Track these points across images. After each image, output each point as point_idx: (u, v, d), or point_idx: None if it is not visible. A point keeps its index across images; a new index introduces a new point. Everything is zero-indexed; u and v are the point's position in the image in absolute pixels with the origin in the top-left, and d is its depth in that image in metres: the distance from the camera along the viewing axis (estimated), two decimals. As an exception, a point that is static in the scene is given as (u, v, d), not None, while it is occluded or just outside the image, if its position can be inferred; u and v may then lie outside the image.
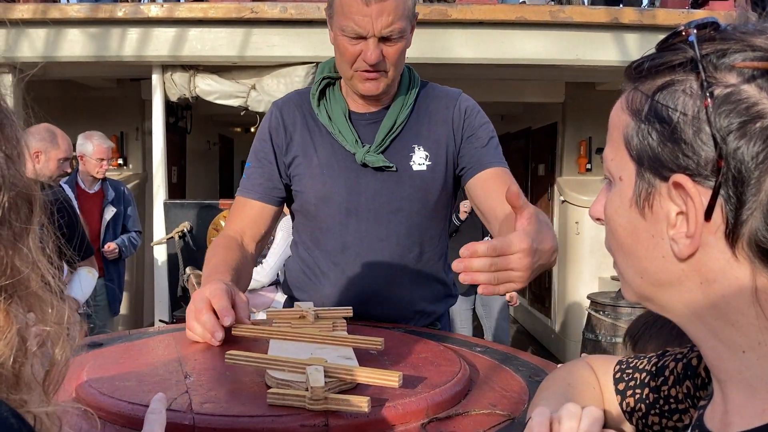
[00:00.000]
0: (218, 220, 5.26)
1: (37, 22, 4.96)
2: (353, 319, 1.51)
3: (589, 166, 7.25)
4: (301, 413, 0.97)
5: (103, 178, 4.79)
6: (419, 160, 1.75)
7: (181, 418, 0.94)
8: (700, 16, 0.67)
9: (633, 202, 0.70)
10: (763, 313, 0.63)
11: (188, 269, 4.42)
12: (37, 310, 0.57)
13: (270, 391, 1.01)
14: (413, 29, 1.71)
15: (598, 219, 0.78)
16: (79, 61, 5.27)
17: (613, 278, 5.86)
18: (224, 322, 1.32)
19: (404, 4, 1.60)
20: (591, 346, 4.91)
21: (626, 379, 0.98)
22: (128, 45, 5.23)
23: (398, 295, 1.77)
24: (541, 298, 8.09)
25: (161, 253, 5.58)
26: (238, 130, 11.48)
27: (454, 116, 1.78)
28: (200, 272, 4.17)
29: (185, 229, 5.25)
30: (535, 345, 7.78)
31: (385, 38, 1.60)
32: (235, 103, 5.45)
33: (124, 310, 6.35)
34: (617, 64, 5.22)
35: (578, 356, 1.66)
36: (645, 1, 6.68)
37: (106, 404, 1.01)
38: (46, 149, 3.77)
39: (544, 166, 8.05)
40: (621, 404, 0.97)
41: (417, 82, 1.83)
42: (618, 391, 0.98)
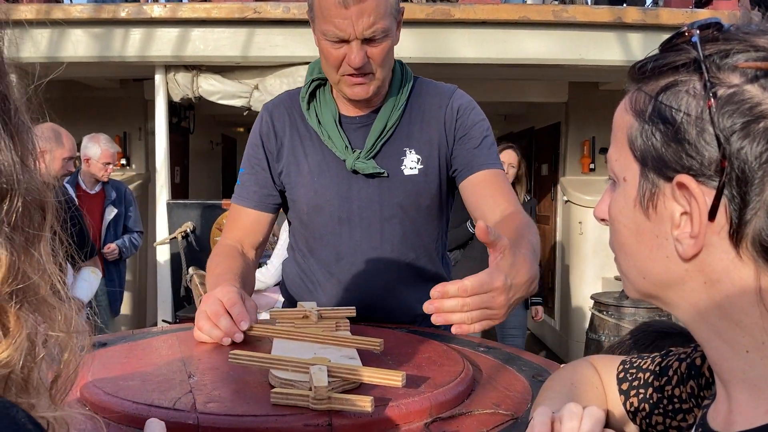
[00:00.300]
0: (221, 220, 5.27)
1: (40, 23, 4.96)
2: (356, 320, 1.52)
3: (592, 166, 7.22)
4: (305, 413, 0.97)
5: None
6: (411, 164, 1.70)
7: (185, 418, 0.95)
8: (704, 16, 0.68)
9: (637, 203, 0.70)
10: (767, 313, 0.63)
11: (191, 269, 4.41)
12: (46, 316, 0.57)
13: (273, 390, 1.01)
14: (400, 25, 1.64)
15: (603, 219, 0.78)
16: (83, 61, 5.28)
17: (617, 278, 5.82)
18: (241, 327, 1.36)
19: (385, 2, 1.54)
20: (594, 347, 4.90)
21: (630, 379, 0.98)
22: (131, 45, 5.24)
23: (396, 302, 1.74)
24: (544, 299, 8.08)
25: (164, 254, 5.58)
26: (241, 130, 11.48)
27: (446, 116, 1.72)
28: (203, 272, 4.17)
29: (188, 230, 5.26)
30: (545, 349, 7.74)
31: (369, 39, 1.54)
32: (237, 103, 5.45)
33: (127, 311, 6.36)
34: (621, 64, 5.20)
35: (581, 356, 1.66)
36: (648, 1, 6.67)
37: (111, 404, 1.01)
38: (51, 149, 3.78)
39: (547, 166, 8.03)
40: (625, 404, 0.97)
41: (409, 78, 1.76)
42: (621, 391, 0.98)
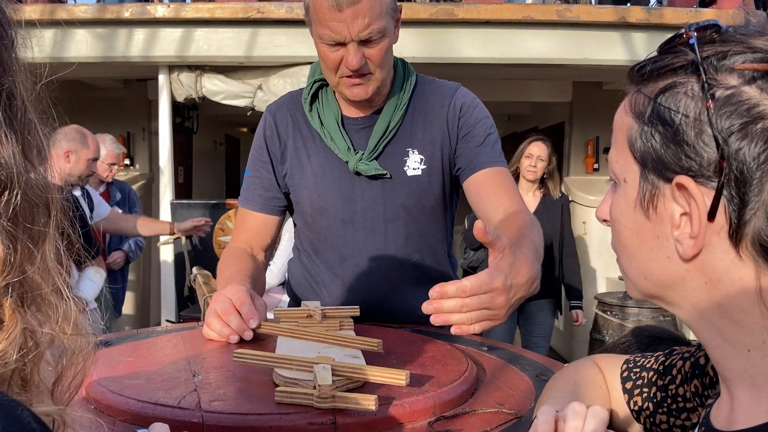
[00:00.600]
0: (224, 220, 5.27)
1: (44, 23, 4.97)
2: (361, 320, 1.52)
3: (596, 166, 7.21)
4: (309, 411, 0.98)
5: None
6: (414, 164, 1.69)
7: (189, 416, 0.95)
8: (708, 15, 0.68)
9: (637, 204, 0.71)
10: (767, 312, 0.64)
11: (195, 269, 4.40)
12: (47, 315, 0.57)
13: (278, 389, 1.01)
14: (398, 24, 1.62)
15: (605, 220, 0.78)
16: (86, 61, 5.29)
17: (621, 278, 5.79)
18: (251, 325, 1.37)
19: (380, 2, 1.52)
20: (598, 347, 4.89)
21: (633, 378, 0.98)
22: (135, 45, 5.24)
23: (401, 303, 1.74)
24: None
25: (168, 253, 5.59)
26: (245, 130, 11.48)
27: (448, 115, 1.71)
28: (207, 272, 4.18)
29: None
30: (549, 348, 7.67)
31: (365, 41, 1.53)
32: (241, 103, 5.46)
33: (130, 310, 6.37)
34: (625, 64, 5.17)
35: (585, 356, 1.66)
36: (652, 0, 6.65)
37: (116, 402, 1.02)
38: (77, 149, 3.84)
39: (551, 166, 8.01)
40: (628, 403, 0.98)
41: (412, 77, 1.74)
42: (625, 390, 0.98)
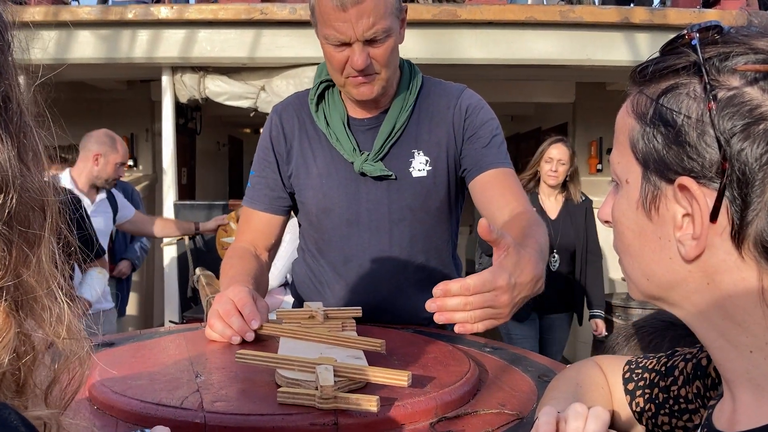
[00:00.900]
0: (227, 221, 5.27)
1: (48, 24, 4.98)
2: (363, 321, 1.52)
3: (599, 167, 7.19)
4: (311, 412, 0.98)
5: None
6: (419, 165, 1.69)
7: (192, 417, 0.96)
8: (712, 15, 0.68)
9: (640, 205, 0.71)
10: None
11: (198, 270, 4.41)
12: (43, 319, 0.56)
13: (280, 390, 1.02)
14: (404, 24, 1.63)
15: (607, 222, 0.78)
16: (90, 62, 5.30)
17: (624, 279, 5.80)
18: (252, 326, 1.37)
19: (384, 2, 1.52)
20: (601, 348, 4.88)
21: (635, 379, 0.98)
22: (138, 46, 5.25)
23: (404, 304, 1.74)
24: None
25: (171, 254, 5.60)
26: (248, 131, 11.51)
27: (454, 116, 1.71)
28: (210, 273, 4.18)
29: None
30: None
31: (370, 40, 1.53)
32: (244, 104, 5.46)
33: (134, 311, 6.38)
34: (628, 64, 5.17)
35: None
36: (656, 1, 6.64)
37: (119, 402, 1.02)
38: (106, 153, 3.89)
39: (554, 167, 8.00)
40: (630, 404, 0.97)
41: (418, 78, 1.75)
42: (627, 391, 0.98)
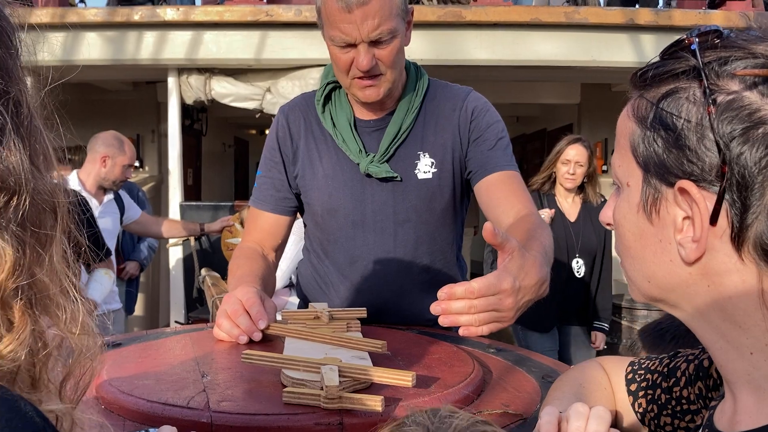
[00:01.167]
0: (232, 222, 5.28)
1: (55, 26, 5.00)
2: (368, 322, 1.53)
3: (605, 168, 7.17)
4: (316, 412, 0.99)
5: None
6: (425, 167, 1.70)
7: (198, 416, 0.96)
8: (717, 17, 0.68)
9: (640, 208, 0.71)
10: None
11: (203, 270, 4.43)
12: (55, 317, 0.57)
13: (285, 389, 1.02)
14: (410, 25, 1.63)
15: (608, 224, 0.79)
16: (96, 64, 5.32)
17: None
18: (259, 326, 1.39)
19: (390, 3, 1.52)
20: (606, 349, 4.87)
21: (638, 380, 0.99)
22: (145, 48, 5.27)
23: (409, 306, 1.74)
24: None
25: (177, 255, 5.62)
26: (253, 132, 11.52)
27: (460, 119, 1.72)
28: (216, 274, 4.19)
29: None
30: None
31: (376, 42, 1.53)
32: (250, 105, 5.48)
33: (140, 312, 6.39)
34: (633, 65, 5.13)
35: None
36: (661, 2, 6.63)
37: (126, 402, 1.03)
38: (114, 155, 3.90)
39: (559, 168, 7.98)
40: (633, 405, 0.98)
41: (424, 80, 1.76)
42: (630, 392, 0.99)
